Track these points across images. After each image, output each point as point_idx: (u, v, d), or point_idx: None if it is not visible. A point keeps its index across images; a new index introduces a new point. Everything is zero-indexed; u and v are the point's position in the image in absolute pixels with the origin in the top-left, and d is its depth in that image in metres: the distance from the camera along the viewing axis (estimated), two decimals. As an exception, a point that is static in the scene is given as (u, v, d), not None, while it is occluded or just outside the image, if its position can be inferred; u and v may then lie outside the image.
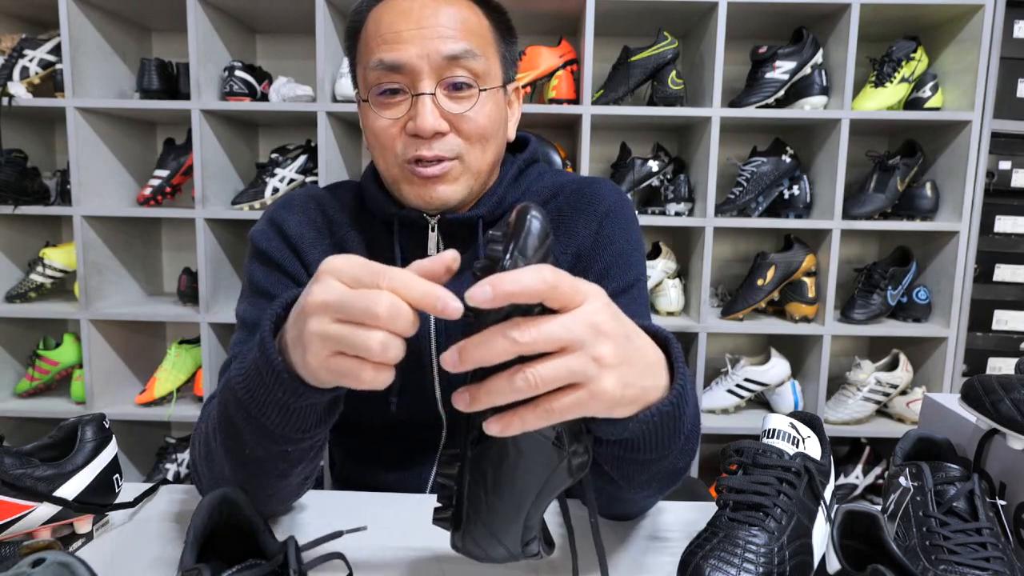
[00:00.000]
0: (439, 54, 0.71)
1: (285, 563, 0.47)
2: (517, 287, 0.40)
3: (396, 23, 0.72)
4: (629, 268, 0.83)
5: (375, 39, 0.74)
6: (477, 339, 0.42)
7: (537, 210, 0.44)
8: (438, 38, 0.71)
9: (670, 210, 1.88)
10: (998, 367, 1.89)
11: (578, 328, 0.43)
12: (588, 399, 0.44)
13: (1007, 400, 0.65)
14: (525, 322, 0.41)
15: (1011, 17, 1.76)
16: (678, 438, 0.55)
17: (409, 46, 0.71)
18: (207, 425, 0.64)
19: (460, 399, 0.43)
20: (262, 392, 0.52)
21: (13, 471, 0.61)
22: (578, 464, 0.48)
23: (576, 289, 0.43)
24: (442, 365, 0.43)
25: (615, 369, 0.44)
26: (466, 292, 0.41)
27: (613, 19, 1.85)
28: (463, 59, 0.72)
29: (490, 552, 0.49)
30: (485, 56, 0.75)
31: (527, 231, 0.44)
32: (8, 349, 1.97)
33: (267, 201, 1.84)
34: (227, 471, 0.61)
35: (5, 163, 1.80)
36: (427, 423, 0.84)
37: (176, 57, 1.86)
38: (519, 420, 0.43)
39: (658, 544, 0.69)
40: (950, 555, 0.58)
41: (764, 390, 1.90)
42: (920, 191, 1.84)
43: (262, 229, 0.84)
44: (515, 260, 0.43)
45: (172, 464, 1.98)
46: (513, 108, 0.85)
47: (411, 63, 0.71)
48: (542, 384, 0.42)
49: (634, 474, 0.59)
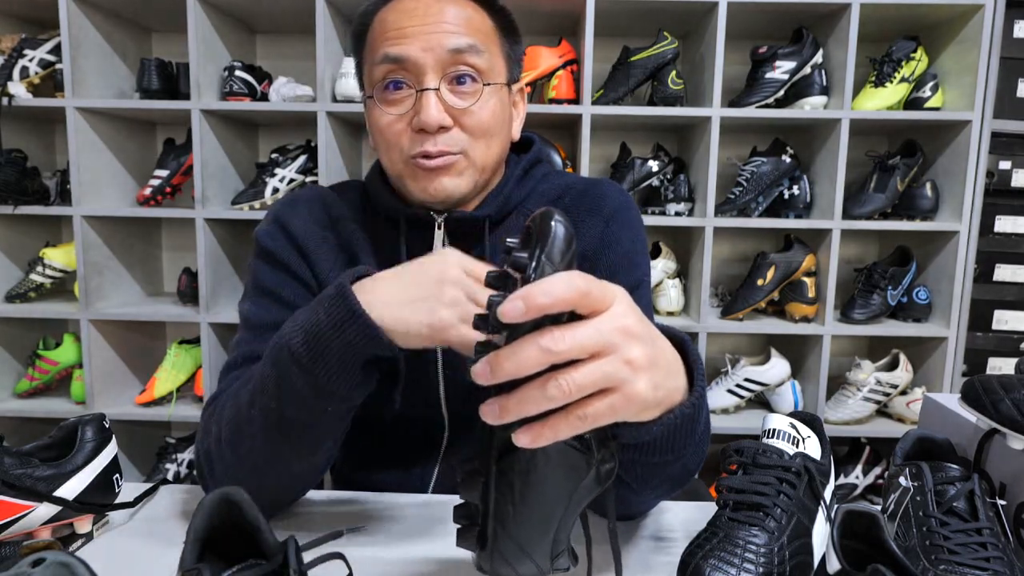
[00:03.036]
0: (443, 48, 0.72)
1: (285, 563, 0.47)
2: (550, 299, 0.39)
3: (401, 20, 0.74)
4: (634, 269, 0.83)
5: (380, 37, 0.75)
6: (509, 351, 0.40)
7: (561, 215, 0.43)
8: (442, 33, 0.72)
9: (670, 210, 1.88)
10: (998, 367, 1.89)
11: (610, 332, 0.42)
12: (622, 403, 0.43)
13: (1007, 400, 0.65)
14: (558, 331, 0.40)
15: (1011, 17, 1.76)
16: (693, 439, 0.55)
17: (414, 41, 0.72)
18: (236, 401, 0.66)
19: (489, 412, 0.42)
20: (329, 335, 0.58)
21: (13, 471, 0.61)
22: (606, 471, 0.47)
23: (604, 292, 0.43)
24: (472, 378, 0.41)
25: (646, 371, 0.44)
26: (498, 308, 0.39)
27: (613, 19, 1.85)
28: (467, 54, 0.73)
29: (520, 569, 0.47)
30: (489, 52, 0.76)
31: (553, 236, 0.42)
32: (8, 349, 1.97)
33: (267, 201, 1.84)
34: (259, 443, 0.64)
35: (5, 163, 1.80)
36: (429, 423, 0.84)
37: (176, 57, 1.86)
38: (551, 430, 0.41)
39: (658, 544, 0.69)
40: (950, 555, 0.58)
41: (764, 390, 1.90)
42: (920, 191, 1.84)
43: (267, 229, 0.84)
44: (542, 268, 0.41)
45: (172, 464, 1.98)
46: (518, 108, 0.85)
47: (415, 57, 0.72)
48: (576, 391, 0.41)
49: (648, 476, 0.60)
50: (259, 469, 0.67)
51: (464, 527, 0.48)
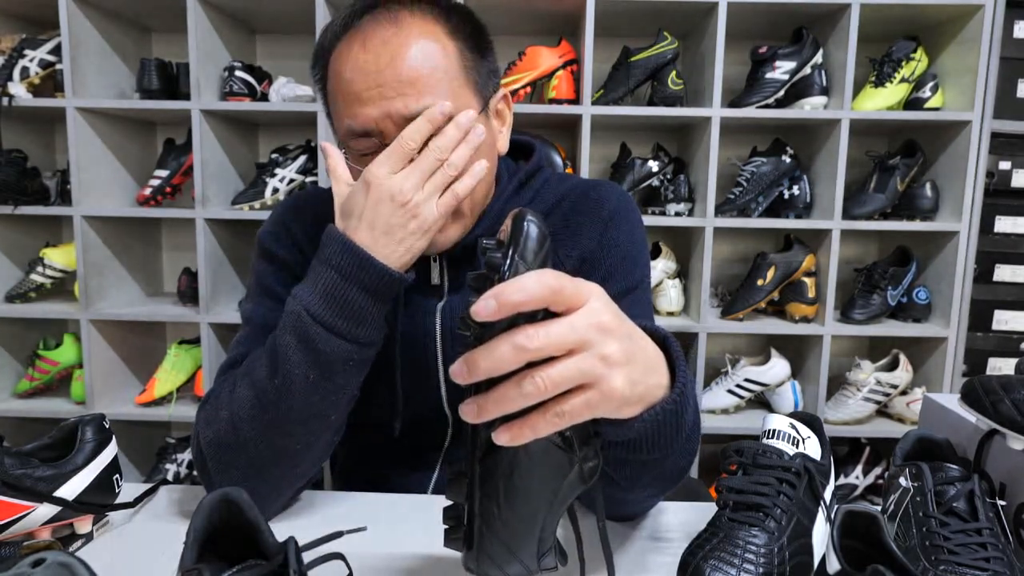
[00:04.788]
0: (401, 115, 0.68)
1: (285, 563, 0.47)
2: (522, 296, 0.40)
3: (355, 82, 0.69)
4: (633, 270, 0.83)
5: (339, 95, 0.72)
6: (484, 350, 0.41)
7: (533, 214, 0.44)
8: (397, 97, 0.68)
9: (670, 210, 1.88)
10: (998, 367, 1.89)
11: (585, 328, 0.42)
12: (598, 399, 0.43)
13: (1007, 400, 0.65)
14: (532, 328, 0.41)
15: (1011, 17, 1.76)
16: (680, 436, 0.55)
17: (371, 108, 0.69)
18: (241, 390, 0.69)
19: (468, 411, 0.42)
20: (345, 287, 0.65)
21: (13, 471, 0.61)
22: (589, 469, 0.48)
23: (578, 290, 0.43)
24: (451, 378, 0.42)
25: (623, 367, 0.44)
26: (471, 308, 0.40)
27: (613, 19, 1.85)
28: None
29: (506, 569, 0.47)
30: (454, 94, 0.70)
31: (525, 235, 0.43)
32: (8, 349, 1.97)
33: (267, 201, 1.84)
34: (259, 427, 0.67)
35: (5, 163, 1.80)
36: (432, 422, 0.84)
37: (176, 57, 1.86)
38: (529, 428, 0.42)
39: (658, 544, 0.69)
40: (950, 555, 0.58)
41: (764, 390, 1.90)
42: (920, 191, 1.84)
43: (270, 230, 0.84)
44: (516, 266, 0.42)
45: (172, 464, 1.98)
46: (503, 118, 0.81)
47: (377, 126, 0.70)
48: (552, 387, 0.41)
49: (637, 475, 0.59)
50: (262, 456, 0.68)
51: (451, 527, 0.49)
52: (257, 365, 0.69)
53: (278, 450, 0.68)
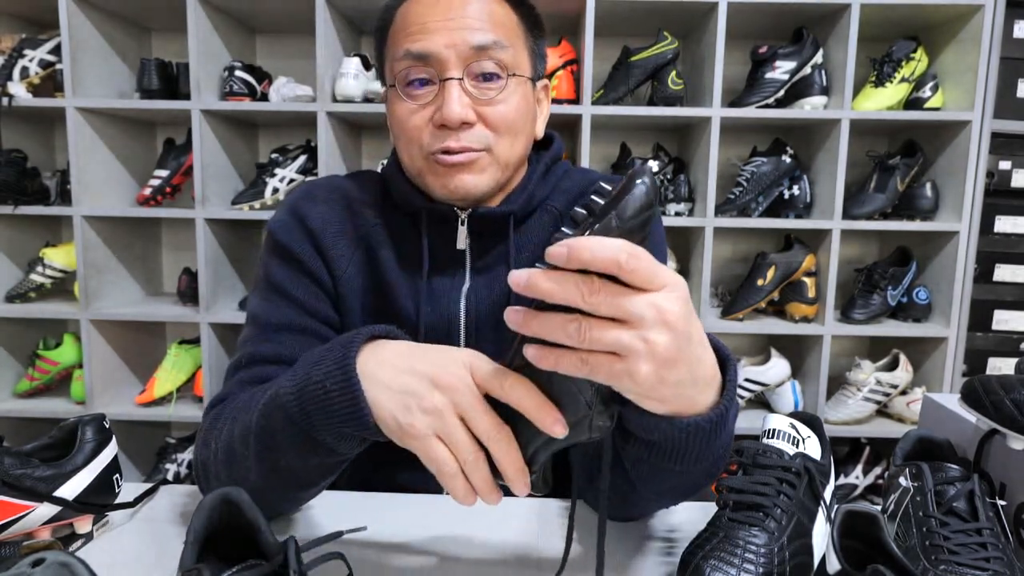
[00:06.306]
0: (467, 44, 0.71)
1: (285, 563, 0.47)
2: (590, 255, 0.41)
3: (423, 15, 0.72)
4: None
5: (402, 32, 0.74)
6: (554, 274, 0.42)
7: (649, 178, 0.44)
8: (466, 29, 0.71)
9: (670, 210, 1.88)
10: (998, 367, 1.89)
11: (645, 308, 0.43)
12: (622, 374, 0.44)
13: (1007, 400, 0.65)
14: (601, 283, 0.42)
15: (1011, 17, 1.76)
16: (705, 458, 0.55)
17: (436, 36, 0.71)
18: (231, 430, 0.63)
19: (513, 316, 0.45)
20: (324, 416, 0.54)
21: (13, 471, 0.61)
22: (598, 425, 0.49)
23: (655, 274, 0.43)
24: (510, 285, 0.44)
25: (662, 361, 0.44)
26: (547, 248, 0.42)
27: (613, 19, 1.85)
28: (491, 50, 0.72)
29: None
30: (514, 48, 0.74)
31: (631, 195, 0.43)
32: (8, 349, 1.97)
33: (267, 201, 1.84)
34: (253, 477, 0.61)
35: (5, 163, 1.80)
36: None
37: (176, 57, 1.86)
38: (554, 357, 0.44)
39: (658, 544, 0.69)
40: (950, 555, 0.58)
41: (764, 390, 1.90)
42: (920, 191, 1.84)
43: (282, 220, 0.80)
44: (609, 221, 0.43)
45: (172, 464, 1.98)
46: (542, 105, 0.84)
47: (438, 52, 0.71)
48: (588, 343, 0.43)
49: (652, 479, 0.59)
50: (255, 493, 0.62)
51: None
52: (241, 417, 0.62)
53: (257, 493, 0.60)
